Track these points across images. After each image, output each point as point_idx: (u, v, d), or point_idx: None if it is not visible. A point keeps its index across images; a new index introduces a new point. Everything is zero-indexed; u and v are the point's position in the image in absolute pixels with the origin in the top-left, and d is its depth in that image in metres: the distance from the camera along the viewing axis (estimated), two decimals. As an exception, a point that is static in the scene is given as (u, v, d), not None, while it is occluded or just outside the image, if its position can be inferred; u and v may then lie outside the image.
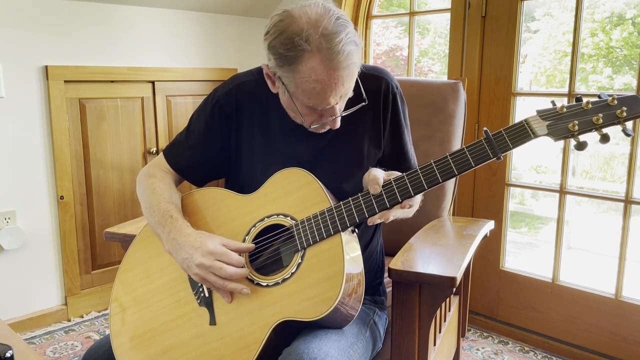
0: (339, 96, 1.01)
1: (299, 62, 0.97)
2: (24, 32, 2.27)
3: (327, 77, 0.97)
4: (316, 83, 0.98)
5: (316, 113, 1.05)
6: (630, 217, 2.02)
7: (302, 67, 0.97)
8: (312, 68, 0.96)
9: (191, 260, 1.02)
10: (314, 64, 0.96)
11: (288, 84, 1.02)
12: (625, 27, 5.06)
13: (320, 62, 0.96)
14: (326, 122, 1.07)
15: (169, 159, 1.24)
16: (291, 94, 1.03)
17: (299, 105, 1.04)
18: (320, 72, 0.97)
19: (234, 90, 1.19)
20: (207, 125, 1.20)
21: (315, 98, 1.00)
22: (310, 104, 1.02)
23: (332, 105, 1.03)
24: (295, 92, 1.02)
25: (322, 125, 1.08)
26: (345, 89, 1.01)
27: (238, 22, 2.99)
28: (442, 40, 5.72)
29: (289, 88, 1.03)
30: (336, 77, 0.97)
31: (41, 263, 2.41)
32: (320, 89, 0.98)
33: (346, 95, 1.04)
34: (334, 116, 1.05)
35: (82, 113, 2.47)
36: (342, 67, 0.97)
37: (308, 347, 0.97)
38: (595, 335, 2.12)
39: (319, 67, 0.96)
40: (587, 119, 0.91)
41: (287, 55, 0.97)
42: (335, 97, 1.01)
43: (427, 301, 1.11)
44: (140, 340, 1.10)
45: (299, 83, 0.99)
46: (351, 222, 1.01)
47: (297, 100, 1.04)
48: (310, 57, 0.96)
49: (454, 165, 0.97)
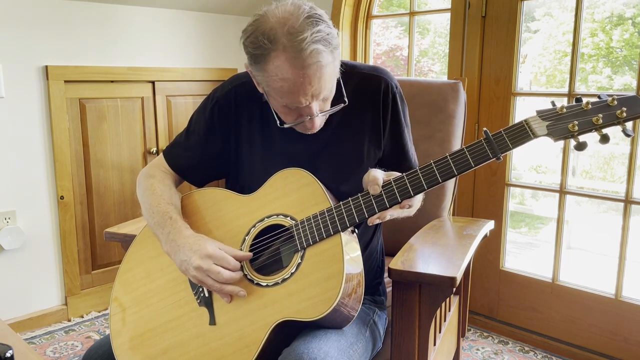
0: (310, 95, 0.99)
1: (266, 61, 0.97)
2: (24, 32, 2.27)
3: (292, 75, 0.96)
4: (283, 82, 0.97)
5: (294, 112, 1.04)
6: (630, 217, 2.02)
7: (269, 65, 0.97)
8: (278, 67, 0.96)
9: (189, 263, 1.02)
10: (279, 63, 0.96)
11: (261, 83, 1.03)
12: (626, 27, 5.06)
13: (285, 61, 0.95)
14: (305, 123, 1.05)
15: (168, 159, 1.24)
16: (266, 93, 1.05)
17: (275, 104, 1.05)
18: (285, 71, 0.96)
19: (233, 90, 1.19)
20: (206, 125, 1.20)
21: (286, 97, 1.00)
22: (283, 102, 1.02)
23: (308, 105, 1.01)
24: (269, 91, 1.03)
25: (302, 125, 1.06)
26: (315, 88, 0.99)
27: (238, 22, 2.99)
28: (442, 40, 5.72)
29: (263, 87, 1.04)
30: (302, 75, 0.96)
31: (41, 263, 2.42)
32: (287, 88, 0.98)
33: (319, 95, 1.01)
34: (310, 116, 1.03)
35: (82, 113, 2.47)
36: (306, 65, 0.95)
37: (308, 347, 0.97)
38: (595, 335, 2.12)
39: (283, 66, 0.96)
40: (587, 120, 0.91)
41: (256, 54, 0.98)
42: (305, 97, 0.99)
43: (427, 301, 1.11)
44: (140, 340, 1.10)
45: (268, 82, 1.00)
46: (351, 222, 1.01)
47: (273, 99, 1.04)
48: (276, 56, 0.96)
49: (453, 165, 0.97)
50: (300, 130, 1.10)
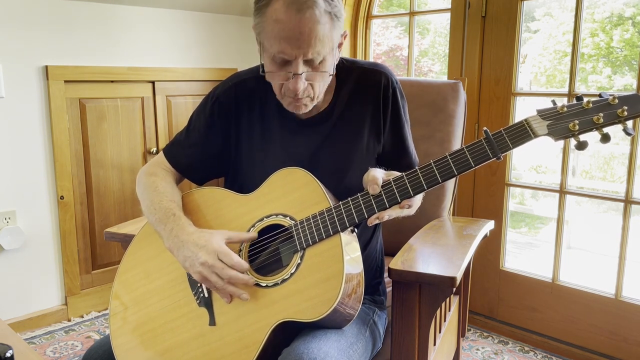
0: (298, 47, 1.00)
1: (267, 4, 1.01)
2: (24, 32, 2.27)
3: (286, 17, 0.98)
4: (275, 24, 0.99)
5: (281, 70, 1.05)
6: (630, 217, 2.02)
7: (268, 9, 1.01)
8: (275, 9, 1.00)
9: (195, 259, 1.01)
10: (278, 6, 0.99)
11: (259, 32, 1.05)
12: (626, 27, 5.06)
13: (283, 4, 0.99)
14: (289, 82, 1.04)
15: (169, 157, 1.24)
16: (261, 44, 1.06)
17: (267, 62, 1.06)
18: (281, 13, 0.99)
19: (233, 87, 1.20)
20: (207, 122, 1.21)
21: (278, 43, 1.01)
22: (272, 52, 1.03)
23: (294, 60, 1.02)
24: (263, 40, 1.04)
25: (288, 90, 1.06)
26: (305, 41, 1.00)
27: (238, 22, 2.99)
28: (442, 40, 5.72)
29: (259, 37, 1.06)
30: (295, 19, 0.98)
31: (41, 263, 2.41)
32: (278, 31, 1.00)
33: (308, 51, 1.01)
34: (295, 73, 1.03)
35: (82, 113, 2.47)
36: (301, 9, 0.98)
37: (308, 347, 0.97)
38: (595, 335, 2.12)
39: (280, 8, 0.99)
40: (588, 119, 0.91)
41: (260, 3, 1.02)
42: (293, 46, 1.00)
43: (427, 301, 1.11)
44: (140, 341, 1.10)
45: (264, 26, 1.02)
46: (350, 222, 1.01)
47: (265, 52, 1.05)
48: (277, 1, 1.00)
49: (453, 165, 0.97)
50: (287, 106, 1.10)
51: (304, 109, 1.10)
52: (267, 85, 1.18)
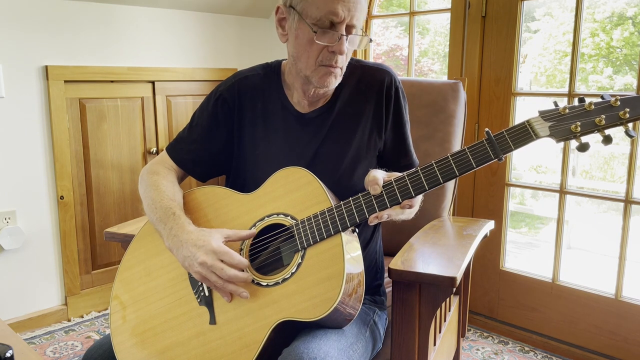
0: (347, 9, 1.04)
1: None
2: (24, 32, 2.27)
3: None
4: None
5: (324, 36, 1.06)
6: (630, 217, 2.02)
7: None
8: None
9: (193, 259, 1.01)
10: None
11: (298, 3, 1.06)
12: (626, 27, 5.06)
13: None
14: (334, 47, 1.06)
15: (172, 154, 1.25)
16: (301, 13, 1.06)
17: (309, 25, 1.05)
18: None
19: (236, 84, 1.21)
20: (210, 119, 1.21)
21: (325, 5, 1.03)
22: (319, 15, 1.04)
23: (340, 22, 1.04)
24: (305, 7, 1.05)
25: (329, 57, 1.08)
26: (352, 4, 1.03)
27: (238, 22, 2.99)
28: (442, 40, 5.72)
29: (298, 7, 1.06)
30: None
31: (41, 263, 2.41)
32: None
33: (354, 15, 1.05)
34: (341, 34, 1.05)
35: (82, 113, 2.47)
36: None
37: (308, 347, 0.97)
38: (595, 335, 2.12)
39: None
40: (590, 120, 0.91)
41: None
42: (343, 7, 1.03)
43: (427, 301, 1.11)
44: (141, 339, 1.10)
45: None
46: (352, 222, 1.01)
47: (307, 18, 1.05)
48: None
49: (455, 166, 0.97)
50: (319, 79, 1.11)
51: (334, 82, 1.12)
52: (269, 82, 1.19)
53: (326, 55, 1.08)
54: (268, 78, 1.21)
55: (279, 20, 1.12)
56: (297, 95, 1.19)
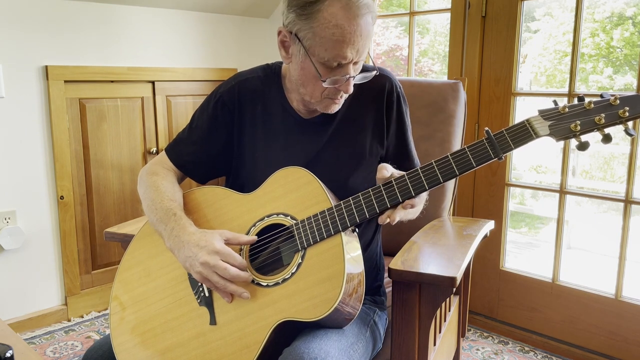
0: (356, 50, 1.03)
1: (319, 9, 1.00)
2: (24, 32, 2.27)
3: (346, 23, 0.99)
4: (336, 28, 0.99)
5: (332, 73, 1.05)
6: (630, 217, 2.02)
7: (323, 13, 1.00)
8: (333, 14, 0.99)
9: (195, 259, 1.01)
10: (335, 10, 0.99)
11: (305, 37, 1.03)
12: (626, 26, 5.06)
13: (341, 8, 0.99)
14: (340, 85, 1.06)
15: (171, 155, 1.24)
16: (307, 49, 1.04)
17: (315, 63, 1.05)
18: (341, 18, 0.99)
19: (236, 86, 1.20)
20: (210, 121, 1.21)
21: (333, 48, 1.01)
22: (327, 57, 1.02)
23: (348, 63, 1.04)
24: (312, 45, 1.03)
25: (334, 92, 1.08)
26: (361, 44, 1.03)
27: (238, 22, 2.99)
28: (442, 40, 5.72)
29: (305, 42, 1.04)
30: (355, 24, 1.00)
31: (41, 263, 2.41)
32: (339, 36, 1.00)
33: (362, 53, 1.04)
34: (348, 75, 1.05)
35: (82, 113, 2.47)
36: (361, 14, 1.00)
37: (308, 347, 0.97)
38: (595, 335, 2.12)
39: (339, 13, 0.99)
40: (589, 119, 0.91)
41: (310, 2, 1.01)
42: (352, 50, 1.02)
43: (427, 301, 1.11)
44: (140, 340, 1.10)
45: (317, 31, 1.01)
46: (352, 221, 1.01)
47: (314, 56, 1.04)
48: (331, 4, 0.99)
49: (455, 165, 0.97)
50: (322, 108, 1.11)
51: (337, 108, 1.13)
52: (270, 84, 1.19)
53: (332, 91, 1.08)
54: (269, 80, 1.20)
55: (281, 42, 1.10)
56: (297, 104, 1.19)
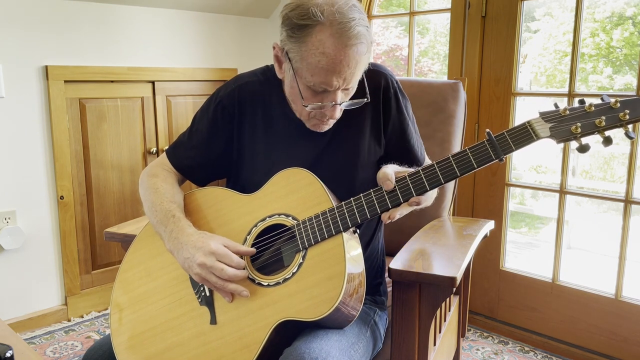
0: (342, 79, 1.01)
1: (309, 33, 0.98)
2: (24, 32, 2.27)
3: (333, 51, 0.97)
4: (322, 56, 0.98)
5: (317, 97, 1.04)
6: (630, 217, 2.02)
7: (312, 38, 0.98)
8: (321, 40, 0.97)
9: (192, 260, 1.02)
10: (324, 37, 0.97)
11: (294, 58, 1.02)
12: (626, 27, 5.06)
13: (330, 36, 0.97)
14: (325, 110, 1.05)
15: (171, 158, 1.25)
16: (295, 70, 1.03)
17: (301, 86, 1.04)
18: (328, 46, 0.97)
19: (236, 90, 1.20)
20: (210, 125, 1.21)
21: (319, 74, 1.00)
22: (312, 82, 1.01)
23: (334, 90, 1.02)
24: (300, 67, 1.02)
25: (320, 114, 1.07)
26: (349, 73, 1.00)
27: (238, 22, 2.99)
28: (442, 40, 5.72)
29: (294, 64, 1.03)
30: (343, 54, 0.98)
31: (41, 263, 2.41)
32: (325, 64, 0.98)
33: (350, 81, 1.03)
34: (334, 102, 1.04)
35: (82, 113, 2.47)
36: (350, 44, 0.97)
37: (309, 347, 0.97)
38: (595, 335, 2.12)
39: (328, 40, 0.97)
40: (590, 122, 0.91)
41: (300, 25, 0.99)
42: (338, 79, 1.00)
43: (427, 301, 1.11)
44: (141, 339, 1.10)
45: (305, 55, 1.00)
46: (353, 222, 1.01)
47: (300, 78, 1.03)
48: (322, 30, 0.97)
49: (456, 166, 0.98)
50: (311, 126, 1.11)
51: (326, 128, 1.12)
52: (270, 87, 1.19)
53: (319, 114, 1.08)
54: (269, 83, 1.20)
55: (275, 56, 1.10)
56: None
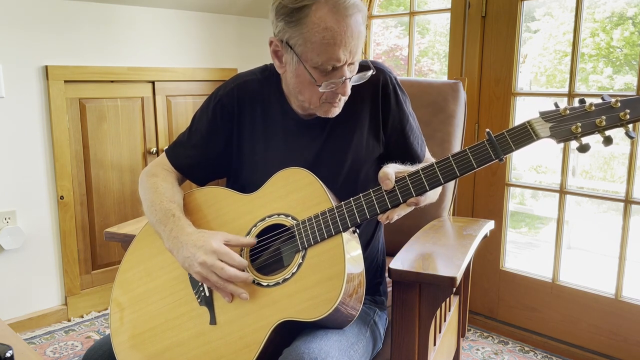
0: (349, 51, 1.02)
1: (307, 14, 1.00)
2: (24, 32, 2.27)
3: (336, 25, 0.99)
4: (326, 32, 0.99)
5: (326, 77, 1.05)
6: (630, 217, 2.02)
7: (311, 17, 1.00)
8: (321, 17, 0.99)
9: (193, 259, 1.02)
10: (323, 14, 0.99)
11: (296, 44, 1.03)
12: (626, 26, 5.06)
13: (329, 11, 0.99)
14: (337, 88, 1.05)
15: (171, 158, 1.25)
16: (300, 56, 1.04)
17: (309, 69, 1.04)
18: (329, 21, 0.99)
19: (235, 88, 1.20)
20: (209, 124, 1.21)
21: (326, 51, 1.01)
22: (320, 61, 1.02)
23: (342, 65, 1.03)
24: (304, 51, 1.02)
25: (332, 95, 1.07)
26: (354, 45, 1.02)
27: (238, 22, 2.99)
28: (442, 40, 5.72)
29: (297, 49, 1.03)
30: (345, 25, 0.99)
31: (41, 263, 2.41)
32: (330, 38, 0.99)
33: (355, 53, 1.04)
34: (344, 77, 1.04)
35: (82, 113, 2.47)
36: (349, 14, 1.00)
37: (309, 347, 0.97)
38: (595, 335, 2.12)
39: (327, 16, 0.99)
40: (590, 121, 0.91)
41: (296, 8, 1.00)
42: (345, 52, 1.01)
43: (427, 301, 1.11)
44: (141, 339, 1.10)
45: (308, 37, 1.01)
46: (352, 222, 1.01)
47: (307, 62, 1.04)
48: (319, 8, 0.99)
49: (456, 166, 0.97)
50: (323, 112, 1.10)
51: (337, 111, 1.12)
52: (269, 86, 1.19)
53: (330, 95, 1.08)
54: (268, 82, 1.20)
55: (274, 51, 1.10)
56: (295, 106, 1.18)
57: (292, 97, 1.18)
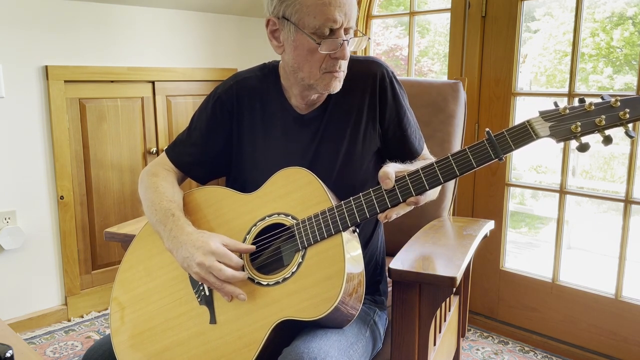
0: (344, 13, 1.04)
1: None
2: (24, 32, 2.27)
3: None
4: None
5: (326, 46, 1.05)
6: (630, 217, 2.02)
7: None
8: None
9: (192, 259, 1.02)
10: None
11: (293, 13, 1.05)
12: (626, 26, 5.06)
13: None
14: (336, 52, 1.06)
15: (171, 156, 1.25)
16: (297, 24, 1.05)
17: (309, 34, 1.05)
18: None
19: (235, 86, 1.21)
20: (209, 121, 1.21)
21: (322, 12, 1.02)
22: (317, 24, 1.03)
23: (339, 28, 1.04)
24: (301, 17, 1.04)
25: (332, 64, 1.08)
26: (348, 7, 1.04)
27: (238, 22, 2.99)
28: (442, 40, 5.72)
29: (294, 18, 1.05)
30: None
31: (41, 263, 2.41)
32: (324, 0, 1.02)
33: (350, 17, 1.06)
34: (342, 38, 1.05)
35: (82, 113, 2.47)
36: None
37: (308, 346, 0.97)
38: (595, 335, 2.12)
39: None
40: (590, 121, 0.91)
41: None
42: (340, 12, 1.03)
43: (427, 301, 1.11)
44: (141, 339, 1.10)
45: (303, 2, 1.03)
46: (352, 221, 1.01)
47: (306, 28, 1.05)
48: None
49: (455, 165, 0.97)
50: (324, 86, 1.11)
51: (338, 86, 1.12)
52: (267, 83, 1.19)
53: (329, 63, 1.08)
54: (267, 79, 1.21)
55: (271, 32, 1.11)
56: (295, 100, 1.19)
57: (291, 90, 1.18)
